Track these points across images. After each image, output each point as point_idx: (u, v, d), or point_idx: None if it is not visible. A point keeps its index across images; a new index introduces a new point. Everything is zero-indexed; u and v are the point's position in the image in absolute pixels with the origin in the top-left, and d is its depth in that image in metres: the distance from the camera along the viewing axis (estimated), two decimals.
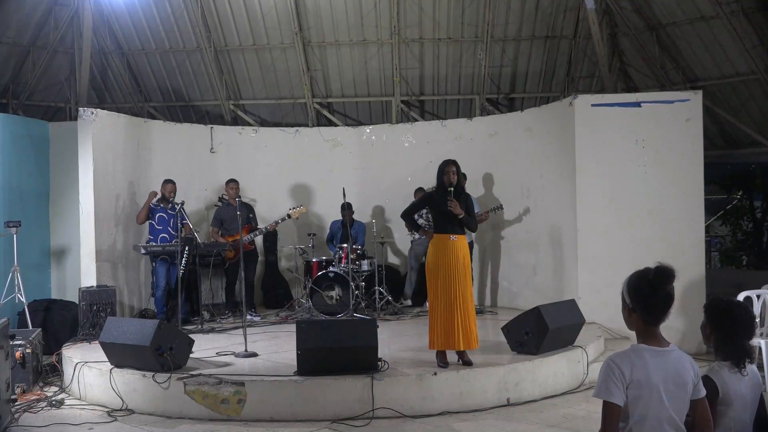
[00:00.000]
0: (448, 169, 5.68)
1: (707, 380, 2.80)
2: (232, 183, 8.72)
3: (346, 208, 8.84)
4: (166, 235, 8.14)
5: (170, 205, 8.19)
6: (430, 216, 8.69)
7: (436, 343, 5.64)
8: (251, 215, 8.71)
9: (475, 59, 10.26)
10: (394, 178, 9.78)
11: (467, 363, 5.60)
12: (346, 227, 8.66)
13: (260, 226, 8.72)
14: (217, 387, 5.26)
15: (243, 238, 8.22)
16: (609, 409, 2.55)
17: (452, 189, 5.63)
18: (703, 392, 2.67)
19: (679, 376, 2.60)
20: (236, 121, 10.83)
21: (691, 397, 2.63)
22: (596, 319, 7.16)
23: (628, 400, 2.56)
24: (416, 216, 8.97)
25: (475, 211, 6.29)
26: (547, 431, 4.92)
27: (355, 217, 9.17)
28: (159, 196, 8.22)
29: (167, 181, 8.26)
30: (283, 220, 8.56)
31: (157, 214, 8.19)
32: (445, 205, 5.62)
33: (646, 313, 2.62)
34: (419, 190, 9.00)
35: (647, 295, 2.61)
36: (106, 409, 5.54)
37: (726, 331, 2.91)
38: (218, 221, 8.73)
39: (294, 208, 8.62)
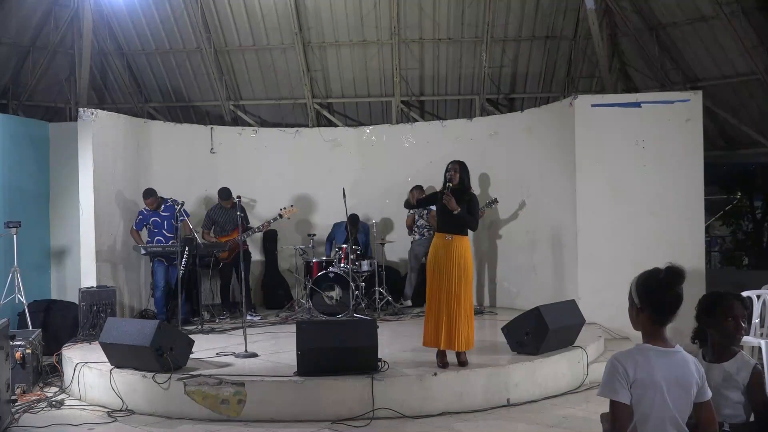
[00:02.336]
0: (451, 167, 5.77)
1: (757, 368, 2.99)
2: (228, 198, 8.67)
3: (353, 223, 8.75)
4: (161, 238, 8.18)
5: (162, 207, 8.23)
6: (428, 216, 8.75)
7: (431, 341, 5.69)
8: (242, 215, 8.70)
9: (475, 59, 10.25)
10: (394, 178, 9.77)
11: (462, 363, 5.61)
12: (350, 235, 8.64)
13: (254, 225, 8.72)
14: (218, 387, 5.26)
15: (237, 237, 8.25)
16: (616, 408, 2.55)
17: (450, 185, 5.68)
18: (709, 395, 2.67)
19: (683, 377, 2.60)
20: (236, 122, 10.83)
21: (695, 400, 2.63)
22: (596, 319, 7.15)
23: (632, 399, 2.56)
24: (416, 216, 9.03)
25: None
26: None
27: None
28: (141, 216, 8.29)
29: (147, 197, 8.22)
30: (275, 219, 8.58)
31: (151, 219, 8.22)
32: (442, 202, 5.66)
33: (655, 312, 2.62)
34: (417, 188, 8.95)
35: (658, 294, 2.61)
36: (106, 410, 5.54)
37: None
38: (210, 222, 8.76)
39: (285, 207, 8.63)
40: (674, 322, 2.65)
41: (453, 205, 5.61)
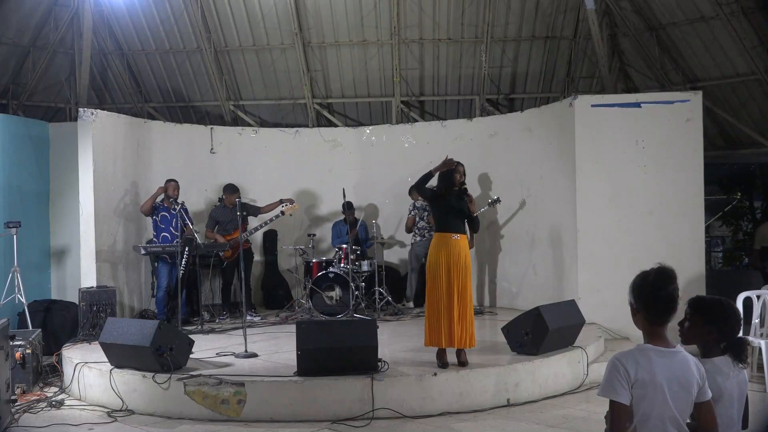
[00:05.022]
0: (459, 168, 5.75)
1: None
2: (235, 192, 8.67)
3: (349, 207, 8.81)
4: (168, 235, 8.17)
5: (173, 205, 8.24)
6: (428, 217, 8.75)
7: (435, 340, 5.63)
8: (244, 214, 8.70)
9: (475, 59, 10.25)
10: (394, 178, 9.78)
11: (462, 363, 5.60)
12: (354, 226, 8.61)
13: (255, 224, 8.71)
14: (217, 387, 5.26)
15: (239, 236, 8.25)
16: (616, 408, 2.55)
17: (466, 187, 5.73)
18: (709, 395, 2.66)
19: (684, 377, 2.60)
20: (236, 122, 10.83)
21: (695, 400, 2.63)
22: (596, 319, 7.15)
23: (632, 400, 2.56)
24: (417, 219, 9.03)
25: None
26: None
27: (356, 216, 9.16)
28: (164, 195, 8.26)
29: (169, 180, 8.30)
30: (277, 217, 8.56)
31: (161, 213, 8.22)
32: (452, 202, 5.70)
33: (649, 313, 2.65)
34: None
35: (649, 295, 2.64)
36: (106, 410, 5.54)
37: (727, 327, 2.89)
38: (214, 222, 8.76)
39: (286, 205, 8.63)
40: (674, 323, 2.65)
41: (475, 208, 5.78)
